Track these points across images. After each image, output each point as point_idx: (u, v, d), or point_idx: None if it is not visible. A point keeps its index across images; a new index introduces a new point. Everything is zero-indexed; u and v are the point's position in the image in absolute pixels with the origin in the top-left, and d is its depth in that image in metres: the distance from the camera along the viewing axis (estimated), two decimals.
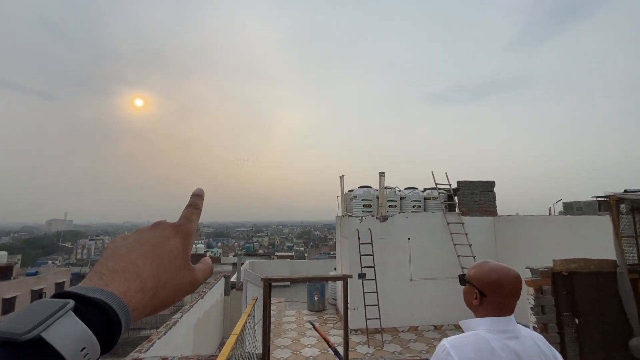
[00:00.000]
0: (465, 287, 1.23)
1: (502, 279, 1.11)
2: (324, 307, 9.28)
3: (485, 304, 1.13)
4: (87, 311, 0.38)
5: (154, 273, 0.40)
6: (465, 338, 1.07)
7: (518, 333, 1.08)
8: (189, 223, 0.46)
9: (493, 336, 1.05)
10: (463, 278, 1.25)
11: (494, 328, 1.07)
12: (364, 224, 7.70)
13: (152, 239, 0.42)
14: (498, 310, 1.11)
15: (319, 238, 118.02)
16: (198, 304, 5.53)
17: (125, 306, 0.38)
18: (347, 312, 3.31)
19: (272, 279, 3.06)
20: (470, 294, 1.18)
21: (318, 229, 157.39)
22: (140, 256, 0.40)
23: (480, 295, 1.13)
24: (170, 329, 3.99)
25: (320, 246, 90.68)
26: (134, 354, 3.11)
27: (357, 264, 7.34)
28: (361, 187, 8.61)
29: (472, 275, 1.19)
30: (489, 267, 1.16)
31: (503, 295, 1.11)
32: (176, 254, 0.42)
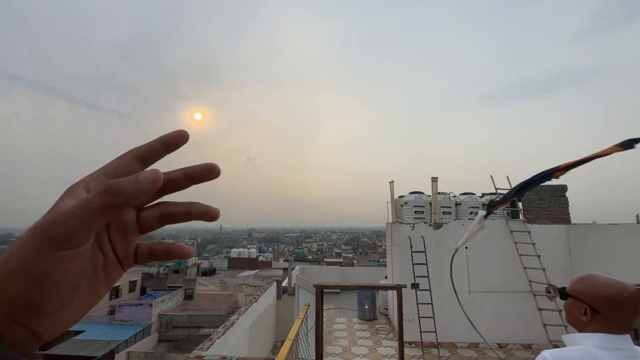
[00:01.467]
0: (568, 301, 1.14)
1: (619, 294, 1.01)
2: (375, 316, 9.05)
3: (598, 321, 1.03)
4: None
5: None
6: (570, 351, 0.99)
7: (635, 353, 0.96)
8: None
9: (604, 352, 0.95)
10: (564, 292, 1.16)
11: (605, 345, 0.97)
12: (416, 231, 7.39)
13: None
14: (614, 327, 1.00)
15: (367, 245, 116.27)
16: (252, 307, 5.75)
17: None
18: (402, 323, 3.18)
19: (324, 285, 3.06)
20: (577, 309, 1.09)
21: (366, 236, 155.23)
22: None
23: (592, 311, 1.04)
24: (228, 330, 4.20)
25: (369, 253, 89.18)
26: (196, 351, 3.32)
27: (409, 273, 7.05)
28: (412, 192, 8.31)
29: (579, 289, 1.10)
30: (601, 281, 1.06)
31: (621, 312, 1.01)
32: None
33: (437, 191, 7.69)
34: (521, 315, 6.65)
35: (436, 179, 7.69)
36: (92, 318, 24.08)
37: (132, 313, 23.04)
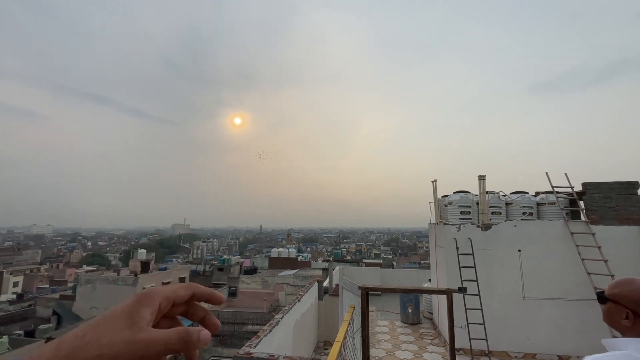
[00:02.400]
0: (607, 305, 1.14)
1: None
2: (419, 320, 8.77)
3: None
4: None
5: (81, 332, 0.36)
6: (613, 357, 0.97)
7: None
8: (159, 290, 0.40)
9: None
10: (602, 295, 1.17)
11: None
12: (463, 232, 7.04)
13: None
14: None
15: (407, 246, 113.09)
16: (295, 306, 5.84)
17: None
18: (452, 329, 3.02)
19: (369, 287, 3.01)
20: (617, 313, 1.09)
21: (406, 237, 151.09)
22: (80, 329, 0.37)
23: (635, 315, 1.05)
24: (274, 328, 4.30)
25: (409, 254, 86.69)
26: (245, 348, 3.44)
27: (455, 276, 6.73)
28: (457, 192, 7.92)
29: (619, 293, 1.10)
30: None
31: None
32: (120, 313, 0.37)
33: (485, 190, 7.26)
34: (585, 325, 6.05)
35: (483, 177, 7.27)
36: None
37: None
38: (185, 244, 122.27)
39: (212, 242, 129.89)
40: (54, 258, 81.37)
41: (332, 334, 8.28)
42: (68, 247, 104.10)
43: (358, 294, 3.48)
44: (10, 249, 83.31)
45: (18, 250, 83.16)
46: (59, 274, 57.50)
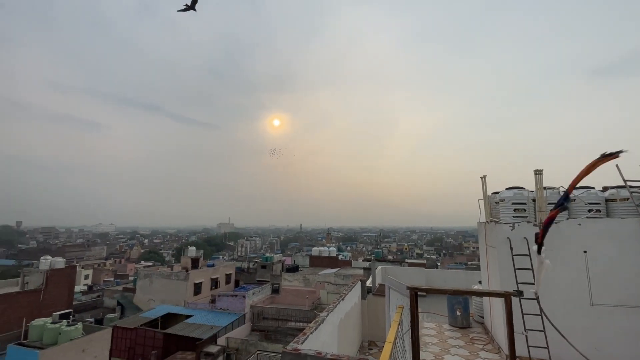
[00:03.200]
0: None
1: None
2: (469, 324, 8.32)
3: None
4: None
5: None
6: None
7: None
8: None
9: None
10: None
11: None
12: (517, 231, 6.53)
13: None
14: None
15: (452, 246, 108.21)
16: (340, 305, 5.83)
17: None
18: (512, 336, 2.80)
19: (418, 288, 2.90)
20: None
21: (451, 236, 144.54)
22: None
23: None
24: (319, 326, 4.33)
25: (454, 255, 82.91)
26: (292, 344, 3.50)
27: (510, 278, 6.28)
28: (510, 188, 7.37)
29: None
30: None
31: None
32: None
33: (543, 185, 6.67)
34: None
35: (540, 172, 6.68)
36: (198, 305, 27.70)
37: (229, 303, 25.73)
38: (230, 242, 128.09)
39: (255, 241, 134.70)
40: (117, 254, 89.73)
41: (376, 334, 8.15)
42: (128, 244, 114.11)
43: (405, 295, 3.37)
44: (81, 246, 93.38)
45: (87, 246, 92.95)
46: (122, 268, 63.35)
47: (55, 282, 26.57)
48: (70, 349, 14.48)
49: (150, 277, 32.45)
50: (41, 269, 26.83)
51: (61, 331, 15.00)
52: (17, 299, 23.97)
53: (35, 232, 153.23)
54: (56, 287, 26.56)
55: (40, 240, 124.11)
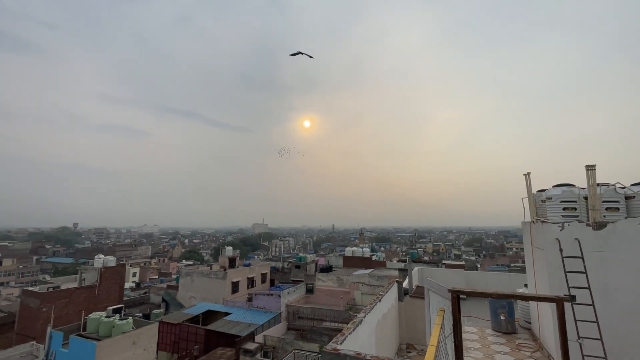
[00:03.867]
0: None
1: None
2: (514, 329, 7.88)
3: None
4: None
5: None
6: None
7: None
8: None
9: None
10: None
11: None
12: (568, 232, 6.09)
13: None
14: None
15: (493, 247, 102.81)
16: (377, 306, 5.78)
17: None
18: (566, 345, 2.63)
19: (461, 291, 2.81)
20: None
21: (491, 237, 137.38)
22: None
23: None
24: (357, 327, 4.33)
25: (495, 256, 78.72)
26: (332, 344, 3.53)
27: (560, 282, 5.87)
28: (558, 185, 6.89)
29: None
30: None
31: None
32: None
33: (596, 182, 6.16)
34: None
35: (593, 167, 6.18)
36: (236, 303, 28.71)
37: (265, 301, 26.39)
38: (265, 242, 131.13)
39: (288, 241, 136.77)
40: (161, 253, 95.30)
41: (414, 336, 7.97)
42: (170, 244, 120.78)
43: (446, 297, 3.29)
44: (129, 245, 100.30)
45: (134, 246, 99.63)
46: (165, 267, 67.17)
47: (108, 279, 28.79)
48: (122, 341, 15.64)
49: (191, 275, 34.13)
50: (95, 267, 29.20)
51: (114, 324, 16.24)
52: (76, 294, 26.29)
53: (89, 233, 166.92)
54: (108, 284, 28.77)
55: (94, 240, 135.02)
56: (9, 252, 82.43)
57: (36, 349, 19.11)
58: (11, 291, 42.37)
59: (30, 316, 24.01)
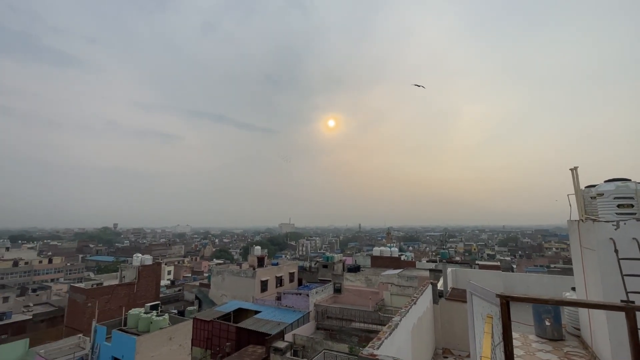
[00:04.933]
0: None
1: None
2: (561, 336, 7.33)
3: None
4: None
5: None
6: None
7: None
8: None
9: None
10: None
11: None
12: (624, 231, 5.55)
13: None
14: None
15: (529, 246, 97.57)
16: (412, 309, 5.56)
17: None
18: (639, 357, 2.34)
19: (511, 296, 2.59)
20: None
21: (527, 236, 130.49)
22: None
23: None
24: (393, 331, 4.16)
25: (533, 256, 74.61)
26: (368, 349, 3.40)
27: (616, 286, 5.36)
28: (610, 180, 6.32)
29: None
30: None
31: None
32: None
33: None
34: None
35: None
36: (265, 301, 29.18)
37: (294, 300, 26.59)
38: (292, 241, 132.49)
39: (315, 240, 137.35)
40: (193, 252, 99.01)
41: (451, 341, 7.63)
42: (202, 244, 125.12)
43: (493, 303, 3.05)
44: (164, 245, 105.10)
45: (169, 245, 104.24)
46: (197, 265, 69.73)
47: (145, 277, 30.26)
48: (160, 337, 16.33)
49: (222, 274, 35.11)
50: (134, 265, 30.79)
51: (152, 320, 17.00)
52: (117, 291, 27.85)
53: (128, 233, 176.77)
54: (146, 281, 30.24)
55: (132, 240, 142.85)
56: (58, 251, 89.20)
57: (83, 341, 20.45)
58: (60, 287, 45.71)
59: (77, 311, 25.75)
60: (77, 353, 19.09)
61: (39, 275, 58.36)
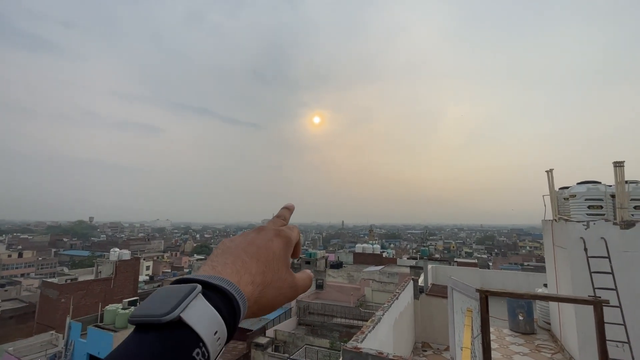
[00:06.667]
0: None
1: None
2: (533, 329, 7.71)
3: None
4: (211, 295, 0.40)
5: (261, 270, 0.42)
6: None
7: None
8: (289, 230, 0.48)
9: None
10: None
11: None
12: (593, 230, 5.89)
13: (257, 240, 0.43)
14: None
15: (505, 245, 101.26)
16: (394, 304, 5.71)
17: (242, 294, 0.40)
18: (605, 349, 2.51)
19: (490, 291, 2.71)
20: None
21: (504, 235, 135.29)
22: (247, 254, 0.42)
23: None
24: (376, 325, 4.27)
25: (508, 255, 77.45)
26: (352, 342, 3.48)
27: (584, 283, 5.69)
28: (583, 182, 6.68)
29: None
30: None
31: None
32: (278, 255, 0.43)
33: (624, 179, 5.93)
34: None
35: (621, 164, 5.95)
36: None
37: None
38: None
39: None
40: (173, 247, 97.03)
41: (430, 335, 7.86)
42: (182, 239, 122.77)
43: (472, 297, 3.19)
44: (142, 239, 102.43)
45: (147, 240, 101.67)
46: (177, 261, 68.34)
47: (123, 272, 29.44)
48: None
49: None
50: (111, 260, 29.89)
51: None
52: (93, 286, 26.99)
53: (105, 227, 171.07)
54: (124, 276, 29.43)
55: (109, 234, 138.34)
56: (29, 245, 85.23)
57: (55, 338, 19.73)
58: (31, 282, 43.82)
59: (50, 307, 24.79)
60: (49, 350, 18.41)
61: (7, 270, 55.63)
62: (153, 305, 0.41)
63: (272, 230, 0.46)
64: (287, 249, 0.45)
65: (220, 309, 0.41)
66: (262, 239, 0.43)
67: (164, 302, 0.41)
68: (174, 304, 0.41)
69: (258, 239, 0.43)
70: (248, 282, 0.41)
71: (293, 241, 0.47)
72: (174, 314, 0.41)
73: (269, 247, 0.43)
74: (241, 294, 0.41)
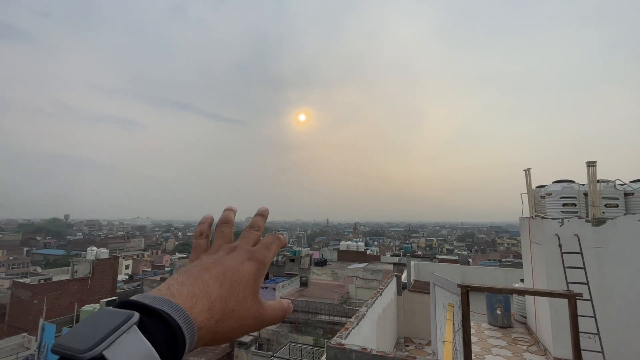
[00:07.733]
0: None
1: None
2: (510, 323, 7.98)
3: None
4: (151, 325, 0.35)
5: (224, 295, 0.36)
6: None
7: None
8: (266, 250, 0.44)
9: None
10: None
11: None
12: (567, 227, 6.14)
13: (225, 261, 0.39)
14: None
15: (484, 242, 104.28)
16: (378, 300, 5.78)
17: (192, 323, 0.35)
18: (577, 341, 2.62)
19: (471, 286, 2.78)
20: None
21: (483, 232, 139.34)
22: (211, 275, 0.36)
23: None
24: (360, 321, 4.31)
25: (487, 251, 79.86)
26: (336, 338, 3.50)
27: (558, 277, 5.93)
28: (558, 181, 6.94)
29: None
30: None
31: None
32: (247, 281, 0.39)
33: (596, 178, 6.21)
34: None
35: (594, 164, 6.22)
36: None
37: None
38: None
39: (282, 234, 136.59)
40: (154, 246, 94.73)
41: (412, 330, 8.02)
42: (164, 237, 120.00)
43: (454, 292, 3.26)
44: (122, 238, 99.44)
45: (127, 238, 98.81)
46: (158, 259, 66.79)
47: (101, 271, 28.51)
48: None
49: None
50: (88, 259, 28.88)
51: None
52: (68, 286, 26.00)
53: (81, 225, 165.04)
54: (101, 276, 28.51)
55: (86, 232, 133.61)
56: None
57: (28, 340, 18.92)
58: (1, 283, 41.82)
59: (22, 308, 23.72)
60: (20, 353, 17.65)
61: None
62: (77, 336, 0.35)
63: (246, 251, 0.42)
64: (259, 274, 0.40)
65: (158, 345, 0.35)
66: (232, 261, 0.39)
67: (89, 334, 0.35)
68: (99, 337, 0.35)
69: (227, 260, 0.39)
70: (204, 309, 0.36)
71: (267, 264, 0.43)
72: (96, 350, 0.35)
73: (237, 271, 0.38)
74: (191, 324, 0.35)
